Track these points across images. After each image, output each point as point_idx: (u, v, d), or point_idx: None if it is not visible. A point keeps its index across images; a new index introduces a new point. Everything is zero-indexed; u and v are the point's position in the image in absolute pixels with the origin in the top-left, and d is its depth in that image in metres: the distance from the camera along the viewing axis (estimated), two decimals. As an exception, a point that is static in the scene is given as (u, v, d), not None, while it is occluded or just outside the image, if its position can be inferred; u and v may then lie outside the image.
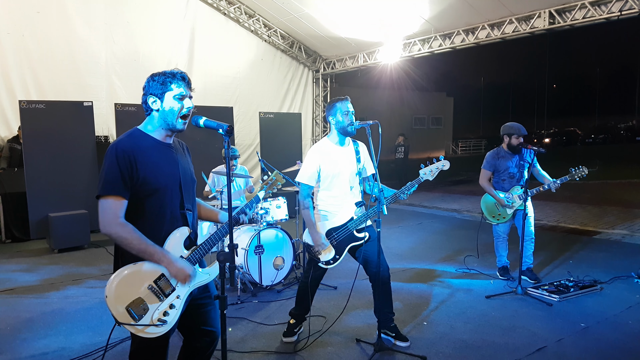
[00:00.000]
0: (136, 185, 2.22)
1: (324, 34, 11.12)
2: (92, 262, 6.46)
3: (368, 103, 23.41)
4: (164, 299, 2.26)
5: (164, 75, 2.31)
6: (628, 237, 7.50)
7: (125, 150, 2.20)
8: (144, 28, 9.82)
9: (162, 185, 2.29)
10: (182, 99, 2.32)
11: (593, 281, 5.13)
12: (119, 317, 2.16)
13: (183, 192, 2.38)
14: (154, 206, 2.28)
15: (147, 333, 2.21)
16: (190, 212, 2.43)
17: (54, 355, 3.64)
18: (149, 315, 2.21)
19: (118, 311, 2.17)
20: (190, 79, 2.39)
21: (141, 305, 2.20)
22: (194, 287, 2.38)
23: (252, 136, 11.32)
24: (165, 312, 2.25)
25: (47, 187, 7.65)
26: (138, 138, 2.31)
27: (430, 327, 4.15)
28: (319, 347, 3.77)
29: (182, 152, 2.51)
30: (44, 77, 8.72)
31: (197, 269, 2.39)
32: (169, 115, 2.30)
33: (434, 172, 3.71)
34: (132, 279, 2.21)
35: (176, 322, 2.30)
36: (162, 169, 2.30)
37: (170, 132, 2.37)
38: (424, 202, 11.87)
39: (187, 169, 2.46)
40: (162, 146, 2.36)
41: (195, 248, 2.40)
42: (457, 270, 5.84)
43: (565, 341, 3.81)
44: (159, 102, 2.30)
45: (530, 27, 8.27)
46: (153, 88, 2.31)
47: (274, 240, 5.23)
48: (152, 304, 2.23)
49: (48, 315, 4.51)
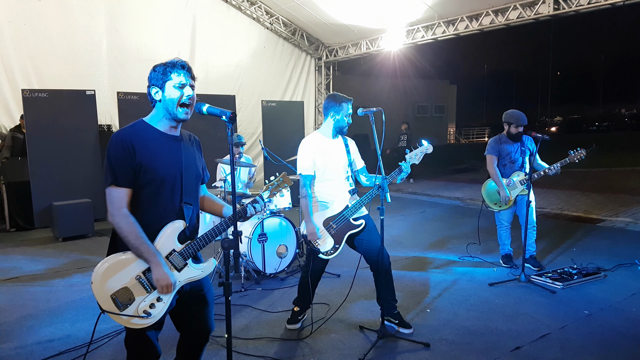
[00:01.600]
0: (136, 172, 2.22)
1: (327, 21, 11.03)
2: (97, 250, 6.49)
3: (371, 91, 23.27)
4: (152, 291, 2.25)
5: (164, 65, 2.30)
6: (632, 225, 7.49)
7: (124, 138, 2.22)
8: (146, 17, 9.77)
9: (161, 176, 2.27)
10: (183, 87, 2.30)
11: (597, 269, 5.13)
12: (103, 305, 2.17)
13: (183, 186, 2.36)
14: (151, 196, 2.27)
15: (132, 324, 2.21)
16: (189, 206, 2.40)
17: (60, 343, 3.67)
18: (135, 306, 2.20)
19: (103, 298, 2.17)
20: (191, 67, 2.37)
21: (127, 295, 2.20)
22: (185, 282, 2.35)
23: (255, 125, 11.30)
24: (151, 304, 2.24)
25: (51, 176, 7.67)
26: (140, 128, 2.32)
27: (433, 314, 4.16)
28: (323, 334, 3.78)
29: (190, 145, 2.47)
30: (45, 66, 8.71)
31: (189, 263, 2.36)
32: (169, 104, 2.29)
33: (419, 156, 3.75)
34: (120, 268, 2.21)
35: (164, 314, 2.28)
36: (161, 159, 2.29)
37: (175, 123, 2.36)
38: (427, 191, 11.86)
39: (192, 163, 2.43)
40: (165, 138, 2.34)
41: (189, 242, 2.35)
42: (460, 258, 5.84)
43: (569, 328, 3.82)
44: (161, 92, 2.30)
45: (534, 13, 8.18)
46: (154, 79, 2.31)
47: (278, 228, 5.23)
48: (139, 295, 2.22)
49: (53, 303, 4.54)
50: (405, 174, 3.69)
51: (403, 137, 13.94)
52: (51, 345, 3.64)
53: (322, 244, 3.68)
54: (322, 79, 12.88)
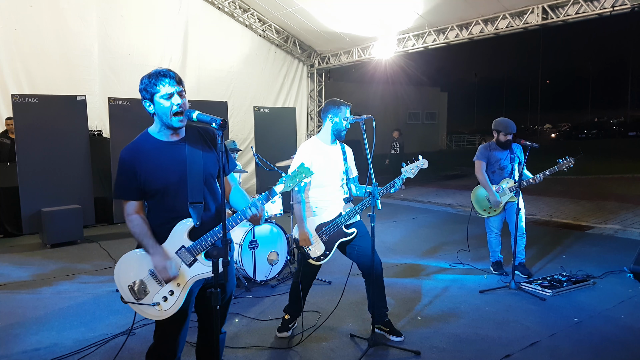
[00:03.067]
0: (141, 186, 2.41)
1: (319, 28, 11.07)
2: (85, 257, 6.43)
3: (362, 98, 23.35)
4: (164, 284, 2.41)
5: (149, 78, 2.35)
6: (621, 232, 7.56)
7: (125, 158, 2.40)
8: (138, 22, 9.73)
9: (164, 185, 2.41)
10: (171, 97, 2.34)
11: (586, 276, 5.16)
12: (123, 294, 2.42)
13: (189, 187, 2.43)
14: (159, 203, 2.45)
15: (147, 314, 2.41)
16: (199, 205, 2.45)
17: (46, 351, 3.62)
18: (149, 298, 2.40)
19: (122, 289, 2.42)
20: (177, 74, 2.40)
21: (142, 287, 2.40)
22: (198, 278, 2.43)
23: (247, 131, 11.27)
24: (165, 297, 2.40)
25: (40, 181, 7.58)
26: (143, 141, 2.45)
27: (424, 321, 4.17)
28: (313, 343, 3.77)
29: (195, 144, 2.49)
30: (36, 71, 8.63)
31: (200, 259, 2.44)
32: (162, 116, 2.38)
33: (415, 170, 3.79)
34: (137, 262, 2.43)
35: (181, 306, 2.41)
36: (163, 169, 2.40)
37: (172, 130, 2.43)
38: (418, 197, 11.90)
39: (199, 162, 2.47)
40: (166, 146, 2.43)
41: (199, 239, 2.42)
42: (450, 265, 5.85)
43: (558, 335, 3.84)
44: (152, 105, 2.38)
45: (523, 23, 8.27)
46: (144, 92, 2.38)
47: (269, 235, 5.21)
48: (153, 287, 2.41)
49: (40, 310, 4.48)
50: (396, 189, 3.71)
51: (395, 144, 13.96)
52: (37, 354, 3.59)
53: (313, 249, 3.68)
54: (315, 85, 12.91)
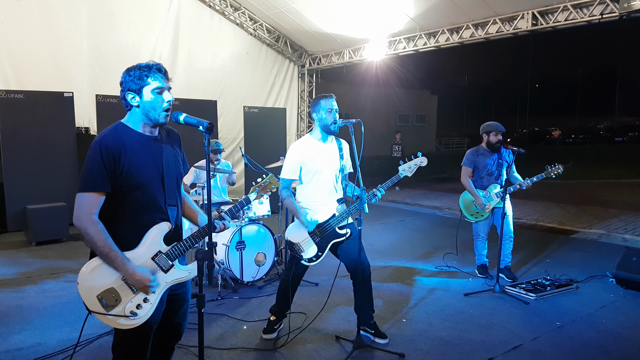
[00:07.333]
0: (119, 180, 2.20)
1: (310, 29, 11.08)
2: (71, 255, 6.37)
3: (353, 99, 23.39)
4: (137, 292, 2.25)
5: (140, 70, 2.26)
6: (604, 237, 7.66)
7: (109, 146, 2.18)
8: (128, 19, 9.67)
9: (147, 181, 2.27)
10: (161, 92, 2.28)
11: (569, 280, 5.23)
12: (90, 305, 2.19)
13: (165, 187, 2.34)
14: (137, 201, 2.26)
15: (119, 324, 2.22)
16: (173, 207, 2.39)
17: (30, 351, 3.59)
18: (122, 307, 2.22)
19: (89, 299, 2.19)
20: (167, 70, 2.35)
21: (113, 296, 2.21)
22: (172, 283, 2.36)
23: (237, 130, 11.25)
24: (138, 305, 2.24)
25: (26, 178, 7.51)
26: (122, 133, 2.27)
27: (409, 324, 4.19)
28: (299, 344, 3.78)
29: (169, 143, 2.45)
30: (23, 67, 8.54)
31: (176, 264, 2.36)
32: (150, 110, 2.27)
33: (412, 168, 3.76)
34: (106, 269, 2.21)
35: (152, 314, 2.27)
36: (146, 164, 2.28)
37: (155, 126, 2.34)
38: (406, 199, 11.95)
39: (172, 163, 2.40)
40: (147, 140, 2.32)
41: (175, 244, 2.36)
42: (436, 267, 5.90)
43: (541, 339, 3.88)
44: (138, 97, 2.27)
45: (513, 28, 8.35)
46: (130, 84, 2.27)
47: (256, 236, 5.21)
48: (125, 296, 2.23)
49: (24, 309, 4.44)
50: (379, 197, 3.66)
51: (397, 147, 13.65)
52: (20, 353, 3.56)
53: (305, 250, 3.66)
54: (305, 86, 12.92)
